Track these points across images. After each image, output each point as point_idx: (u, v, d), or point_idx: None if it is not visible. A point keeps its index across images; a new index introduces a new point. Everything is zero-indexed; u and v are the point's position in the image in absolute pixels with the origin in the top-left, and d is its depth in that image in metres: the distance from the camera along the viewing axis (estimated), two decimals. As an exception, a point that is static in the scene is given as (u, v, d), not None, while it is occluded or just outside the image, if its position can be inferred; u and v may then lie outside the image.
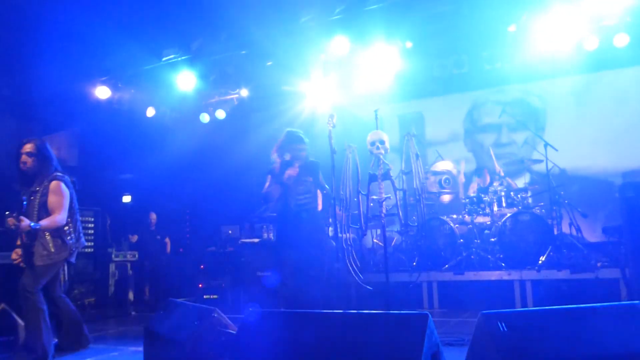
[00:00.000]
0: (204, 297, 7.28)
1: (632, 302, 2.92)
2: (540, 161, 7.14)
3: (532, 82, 8.64)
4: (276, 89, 8.72)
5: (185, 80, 7.84)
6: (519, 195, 7.03)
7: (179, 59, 7.65)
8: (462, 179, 8.01)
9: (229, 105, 9.37)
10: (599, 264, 6.10)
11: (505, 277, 6.37)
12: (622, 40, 7.14)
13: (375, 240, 7.89)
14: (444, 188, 7.62)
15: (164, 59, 7.65)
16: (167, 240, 8.79)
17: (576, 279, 6.07)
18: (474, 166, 8.57)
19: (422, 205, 4.47)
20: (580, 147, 8.24)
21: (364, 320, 3.22)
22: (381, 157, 4.39)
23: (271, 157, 4.71)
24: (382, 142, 4.40)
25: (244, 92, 8.98)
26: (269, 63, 7.87)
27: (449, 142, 9.20)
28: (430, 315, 3.01)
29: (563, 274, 6.13)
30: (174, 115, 9.48)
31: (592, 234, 7.64)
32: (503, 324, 2.79)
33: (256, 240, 7.35)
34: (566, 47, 7.28)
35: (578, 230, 7.11)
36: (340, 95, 8.38)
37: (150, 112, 8.98)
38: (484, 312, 2.82)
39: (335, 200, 4.56)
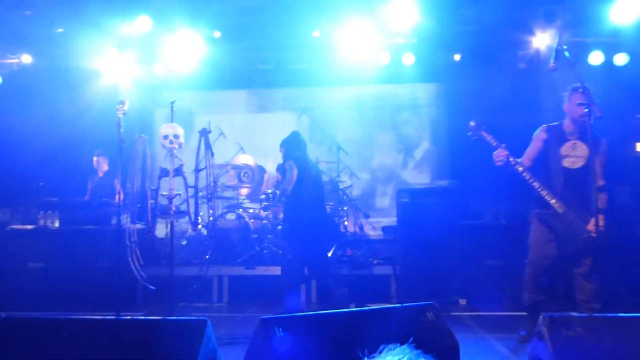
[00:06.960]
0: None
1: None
2: (334, 162, 7.59)
3: (331, 87, 9.05)
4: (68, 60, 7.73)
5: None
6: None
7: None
8: (267, 175, 7.98)
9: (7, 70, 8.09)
10: (375, 262, 6.71)
11: (294, 272, 6.62)
12: (409, 59, 7.93)
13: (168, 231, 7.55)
14: (242, 182, 7.65)
15: None
16: None
17: (356, 274, 6.61)
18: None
19: (213, 201, 4.39)
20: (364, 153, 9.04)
21: (138, 327, 3.04)
22: (174, 151, 4.20)
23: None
24: (177, 137, 4.20)
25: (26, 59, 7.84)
26: (60, 30, 7.01)
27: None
28: (209, 322, 2.96)
29: (345, 270, 6.62)
30: None
31: (374, 231, 8.34)
32: (280, 329, 2.86)
33: (30, 227, 6.51)
34: (363, 58, 7.79)
35: (361, 228, 7.73)
36: (142, 76, 7.88)
37: None
38: (263, 317, 2.86)
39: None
